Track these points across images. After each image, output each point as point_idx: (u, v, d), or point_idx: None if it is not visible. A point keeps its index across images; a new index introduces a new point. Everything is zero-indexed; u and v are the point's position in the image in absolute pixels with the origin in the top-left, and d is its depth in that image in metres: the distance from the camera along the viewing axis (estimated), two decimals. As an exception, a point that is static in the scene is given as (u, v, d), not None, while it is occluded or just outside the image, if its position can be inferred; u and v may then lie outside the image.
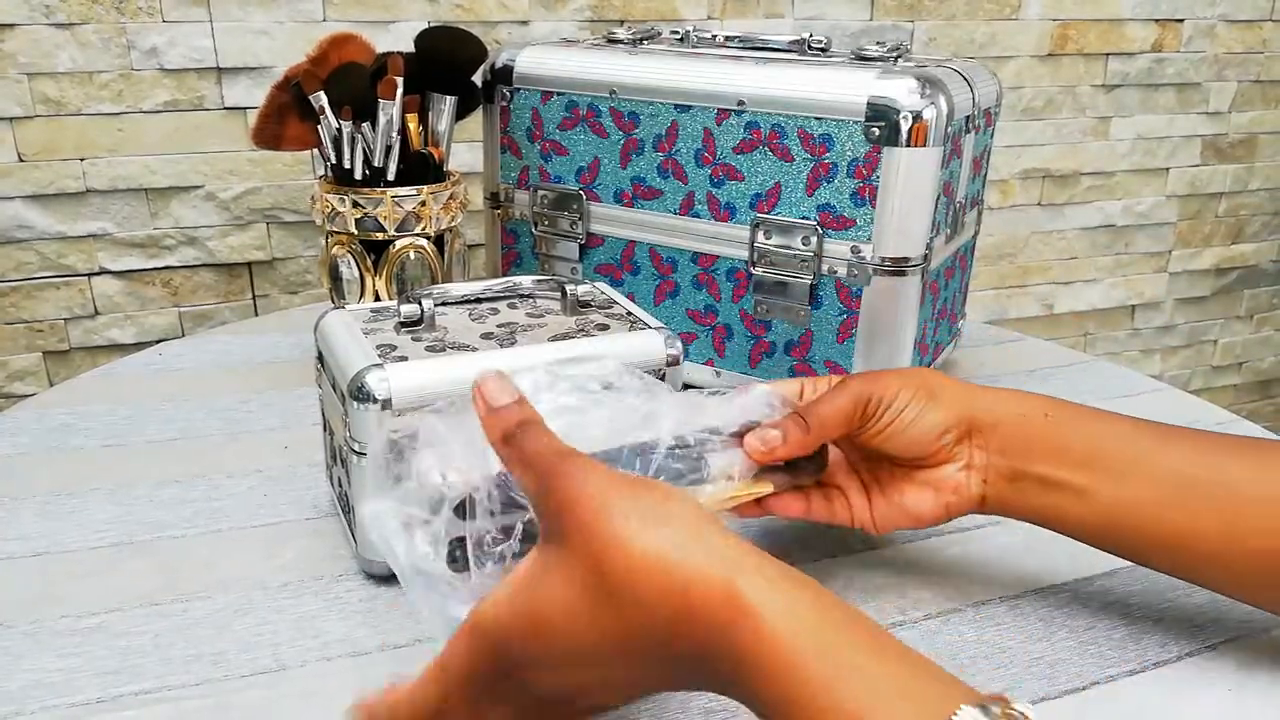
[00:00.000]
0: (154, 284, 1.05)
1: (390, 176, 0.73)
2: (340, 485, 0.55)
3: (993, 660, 0.47)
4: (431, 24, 1.04)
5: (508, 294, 0.61)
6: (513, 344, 0.54)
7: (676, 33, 0.80)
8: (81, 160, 0.98)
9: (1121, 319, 1.60)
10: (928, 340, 0.73)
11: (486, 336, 0.55)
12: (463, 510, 0.36)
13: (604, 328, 0.57)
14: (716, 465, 0.45)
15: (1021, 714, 0.28)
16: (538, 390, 0.42)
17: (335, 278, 0.75)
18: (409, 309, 0.55)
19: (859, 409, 0.47)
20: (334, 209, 0.72)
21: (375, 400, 0.48)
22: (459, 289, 0.59)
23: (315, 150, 0.77)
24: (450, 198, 0.75)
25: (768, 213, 0.69)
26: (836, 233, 0.67)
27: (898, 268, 0.65)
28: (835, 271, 0.67)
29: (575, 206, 0.77)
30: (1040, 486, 0.47)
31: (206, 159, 1.02)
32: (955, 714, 0.28)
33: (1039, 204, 1.46)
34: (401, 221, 0.72)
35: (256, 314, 1.10)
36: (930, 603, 0.51)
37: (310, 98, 0.71)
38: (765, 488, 0.47)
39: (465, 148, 1.04)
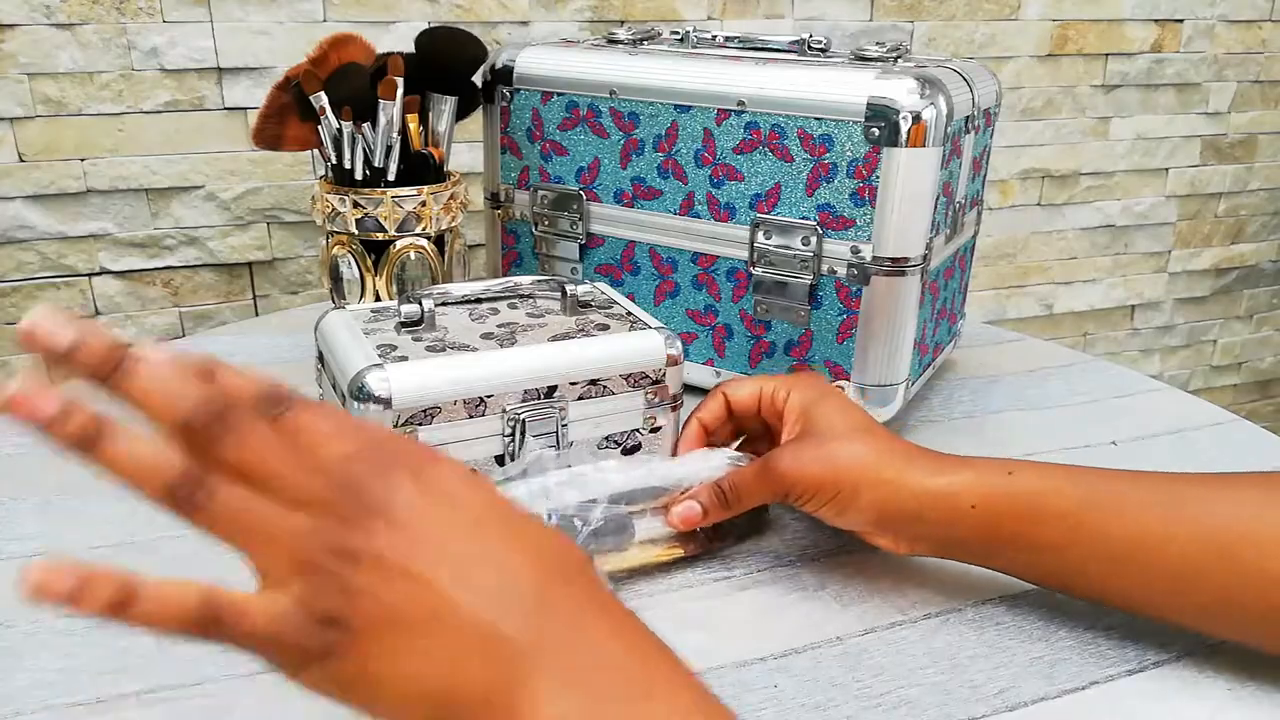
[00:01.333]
0: (154, 284, 1.05)
1: (390, 177, 0.73)
2: (341, 485, 0.55)
3: (993, 660, 0.47)
4: (432, 24, 1.04)
5: (508, 294, 0.61)
6: (513, 344, 0.54)
7: (676, 33, 0.80)
8: (82, 160, 0.98)
9: (1121, 319, 1.60)
10: (927, 340, 0.73)
11: (487, 336, 0.55)
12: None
13: (604, 328, 0.57)
14: (643, 531, 0.51)
15: None
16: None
17: (335, 278, 0.75)
18: (409, 309, 0.55)
19: (779, 497, 0.50)
20: (334, 209, 0.73)
21: (376, 400, 0.48)
22: (459, 289, 0.59)
23: (316, 150, 0.77)
24: (450, 198, 0.75)
25: (768, 213, 0.69)
26: (836, 233, 0.67)
27: (897, 268, 0.65)
28: (835, 271, 0.67)
29: (575, 207, 0.77)
30: (974, 558, 0.50)
31: (207, 159, 1.02)
32: None
33: (1038, 204, 1.46)
34: (402, 222, 0.73)
35: (257, 314, 1.10)
36: (930, 603, 0.51)
37: (311, 98, 0.71)
38: (678, 552, 0.53)
39: (465, 148, 1.04)
